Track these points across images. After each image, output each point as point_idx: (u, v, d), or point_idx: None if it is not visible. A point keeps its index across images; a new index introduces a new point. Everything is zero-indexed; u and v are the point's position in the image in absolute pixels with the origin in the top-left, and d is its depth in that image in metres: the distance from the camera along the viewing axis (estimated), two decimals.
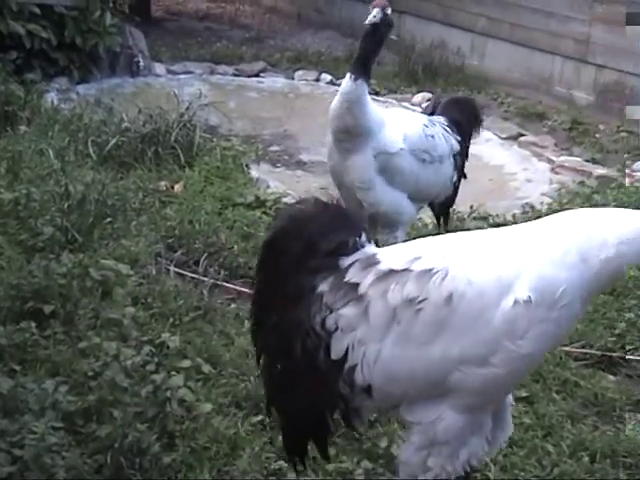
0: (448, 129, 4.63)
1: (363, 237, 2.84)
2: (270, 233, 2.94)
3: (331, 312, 2.77)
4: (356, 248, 2.81)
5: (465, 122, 4.72)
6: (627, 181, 6.83)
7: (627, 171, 7.10)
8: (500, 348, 2.65)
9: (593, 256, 2.64)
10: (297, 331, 2.79)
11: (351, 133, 4.29)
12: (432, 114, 4.77)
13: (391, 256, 2.82)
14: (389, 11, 4.30)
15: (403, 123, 4.49)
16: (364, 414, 2.90)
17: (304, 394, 2.84)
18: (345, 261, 2.80)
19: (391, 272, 2.75)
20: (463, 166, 4.78)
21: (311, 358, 2.79)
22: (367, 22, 4.33)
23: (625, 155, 7.63)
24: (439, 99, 5.05)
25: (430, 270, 2.71)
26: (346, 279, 2.77)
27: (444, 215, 4.97)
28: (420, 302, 2.69)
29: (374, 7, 4.27)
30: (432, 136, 4.51)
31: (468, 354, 2.67)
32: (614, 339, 4.62)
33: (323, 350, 2.77)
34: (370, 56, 4.30)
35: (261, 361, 2.93)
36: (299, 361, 2.80)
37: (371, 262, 2.79)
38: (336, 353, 2.76)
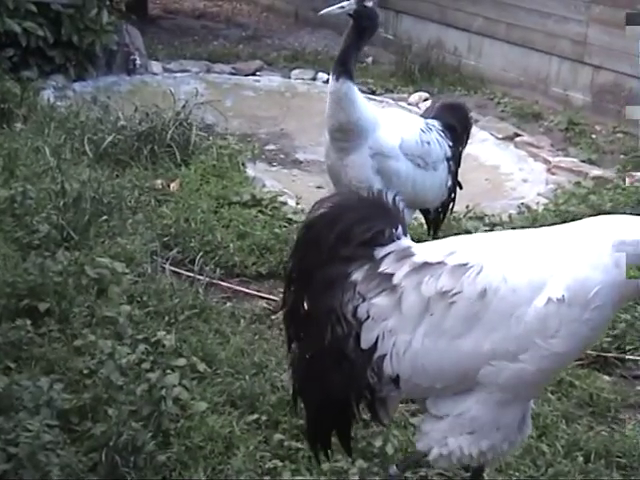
0: (442, 134, 4.62)
1: (399, 229, 2.88)
2: (307, 220, 2.97)
3: (364, 301, 2.81)
4: (392, 239, 2.85)
5: (458, 127, 4.71)
6: (627, 181, 6.84)
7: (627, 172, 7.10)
8: (531, 345, 2.68)
9: (624, 264, 2.66)
10: (328, 318, 2.82)
11: (345, 131, 4.30)
12: (433, 117, 4.74)
13: (426, 250, 2.86)
14: (369, 3, 4.26)
15: (400, 126, 4.49)
16: (390, 405, 2.93)
17: (332, 383, 2.86)
18: (380, 251, 2.84)
19: (426, 264, 2.78)
20: (456, 172, 4.76)
21: (341, 346, 2.82)
22: (324, 12, 4.37)
23: (621, 156, 7.63)
24: (439, 102, 5.05)
25: (465, 265, 2.74)
26: (380, 269, 2.81)
27: (436, 222, 4.94)
28: (454, 295, 2.72)
29: None
30: (428, 142, 4.50)
31: (499, 349, 2.70)
32: (610, 339, 4.62)
33: (353, 339, 2.81)
34: (349, 52, 4.29)
35: (291, 350, 2.97)
36: (329, 349, 2.83)
37: (406, 254, 2.83)
38: (366, 342, 2.81)
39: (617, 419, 4.10)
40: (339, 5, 4.43)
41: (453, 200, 4.90)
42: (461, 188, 4.88)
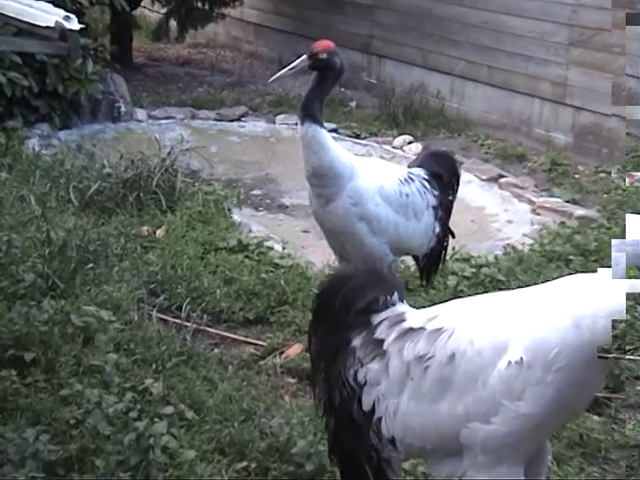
0: (427, 184, 4.57)
1: (395, 296, 2.99)
2: (319, 288, 3.24)
3: (362, 366, 2.94)
4: (386, 306, 2.97)
5: (445, 175, 4.66)
6: (627, 181, 6.85)
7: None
8: (499, 407, 2.69)
9: (585, 325, 2.65)
10: (336, 382, 2.98)
11: (319, 176, 4.29)
12: (419, 166, 4.71)
13: (415, 315, 2.94)
14: (323, 55, 4.27)
15: (379, 174, 4.44)
16: (394, 465, 2.99)
17: (347, 444, 3.02)
18: (376, 318, 2.96)
19: (409, 330, 2.87)
20: (446, 220, 4.69)
21: (348, 409, 2.97)
22: (275, 77, 4.40)
23: (604, 195, 7.68)
24: (425, 150, 5.05)
25: (440, 329, 2.81)
26: (375, 335, 2.94)
27: (428, 269, 4.88)
28: (428, 359, 2.80)
29: (318, 48, 4.28)
30: (407, 194, 4.43)
31: (472, 411, 2.72)
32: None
33: (356, 402, 2.95)
34: (312, 97, 4.30)
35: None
36: (340, 411, 3.00)
37: (398, 320, 2.94)
38: (366, 405, 2.93)
39: (608, 459, 4.07)
40: (290, 66, 4.44)
41: (445, 248, 4.82)
42: (453, 237, 4.83)
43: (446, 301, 5.32)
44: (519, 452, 2.84)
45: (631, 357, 4.48)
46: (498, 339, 2.71)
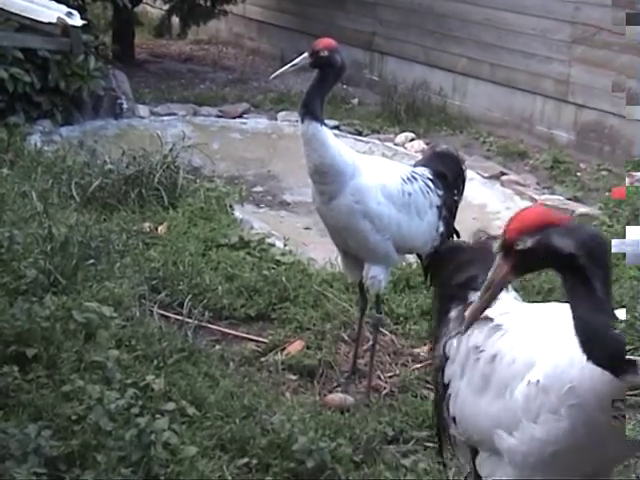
0: (431, 183, 4.53)
1: None
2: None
3: (449, 339, 2.97)
4: None
5: (449, 175, 4.63)
6: (627, 181, 6.84)
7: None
8: (520, 424, 2.61)
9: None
10: (436, 347, 3.08)
11: (321, 173, 4.28)
12: (423, 165, 4.69)
13: (498, 305, 2.77)
14: (324, 53, 4.25)
15: (382, 172, 4.42)
16: (456, 444, 3.02)
17: (438, 410, 3.10)
18: (472, 295, 2.92)
19: (485, 317, 2.78)
20: (450, 219, 4.64)
21: (436, 375, 3.09)
22: (277, 73, 4.38)
23: (606, 193, 7.68)
24: (430, 150, 5.02)
25: (499, 326, 2.78)
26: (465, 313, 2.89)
27: None
28: (480, 352, 2.79)
29: (319, 46, 4.26)
30: (409, 193, 4.40)
31: (501, 418, 2.67)
32: None
33: (441, 372, 3.01)
34: (312, 95, 4.27)
35: None
36: (433, 376, 3.19)
37: None
38: (446, 378, 2.98)
39: None
40: (292, 64, 4.42)
41: None
42: (458, 236, 4.81)
43: None
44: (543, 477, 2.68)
45: (631, 357, 4.49)
46: (531, 353, 2.62)
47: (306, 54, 4.31)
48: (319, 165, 4.26)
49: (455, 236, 4.76)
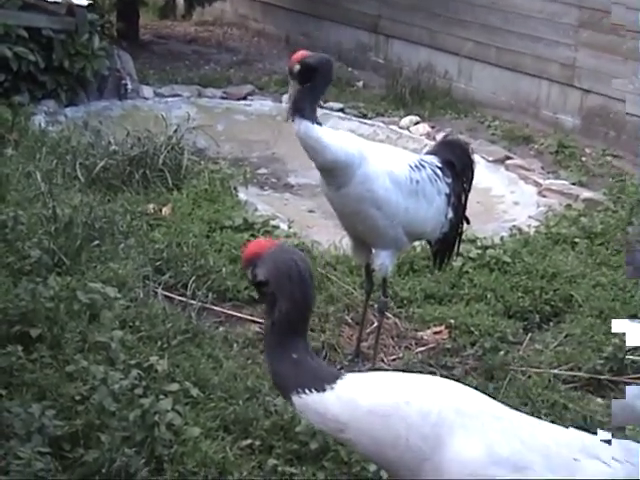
0: (439, 171, 4.52)
1: None
2: None
3: None
4: None
5: (458, 164, 4.61)
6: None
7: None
8: None
9: None
10: None
11: (327, 170, 4.27)
12: (432, 153, 4.67)
13: None
14: (298, 67, 4.09)
15: (389, 160, 4.39)
16: None
17: None
18: None
19: None
20: (460, 207, 4.63)
21: None
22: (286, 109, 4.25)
23: (610, 179, 7.67)
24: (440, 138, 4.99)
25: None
26: None
27: (443, 255, 4.82)
28: None
29: (291, 63, 4.15)
30: (417, 181, 4.39)
31: None
32: (602, 362, 4.63)
33: None
34: (300, 97, 4.12)
35: None
36: None
37: None
38: None
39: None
40: (288, 97, 4.29)
41: (460, 234, 4.75)
42: (468, 223, 4.80)
43: (452, 282, 5.38)
44: None
45: (631, 357, 4.51)
46: None
47: (289, 79, 4.21)
48: (322, 163, 4.24)
49: (466, 223, 4.76)
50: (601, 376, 4.58)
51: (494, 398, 4.24)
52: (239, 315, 4.98)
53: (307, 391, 2.33)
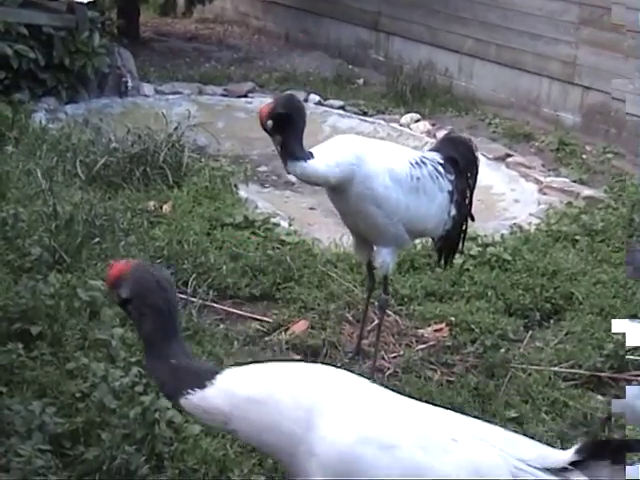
0: (441, 168, 4.49)
1: None
2: None
3: None
4: None
5: (461, 161, 4.59)
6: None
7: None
8: None
9: None
10: None
11: (332, 188, 4.30)
12: (435, 150, 4.66)
13: None
14: (270, 123, 4.10)
15: (389, 158, 4.38)
16: None
17: None
18: None
19: None
20: (464, 204, 4.60)
21: None
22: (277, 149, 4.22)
23: (611, 178, 7.66)
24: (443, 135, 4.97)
25: None
26: None
27: (447, 253, 4.80)
28: None
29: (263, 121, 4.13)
30: (418, 178, 4.38)
31: None
32: (602, 359, 4.63)
33: None
34: (286, 141, 4.11)
35: None
36: None
37: None
38: None
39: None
40: (276, 149, 4.27)
41: (464, 231, 4.72)
42: (473, 220, 4.78)
43: (452, 279, 5.37)
44: None
45: (632, 357, 4.51)
46: None
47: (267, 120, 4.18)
48: (328, 185, 4.28)
49: (470, 219, 4.74)
50: (602, 373, 4.58)
51: (495, 396, 4.30)
52: (240, 313, 4.98)
53: (190, 391, 2.41)
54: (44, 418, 3.43)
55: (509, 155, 8.09)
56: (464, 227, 4.69)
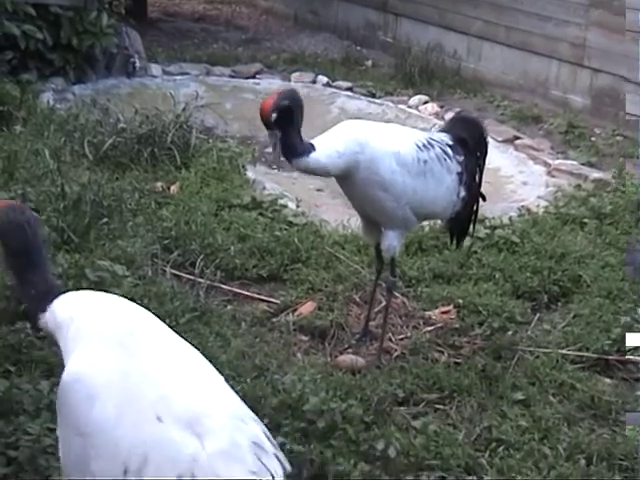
0: (449, 149, 4.45)
1: None
2: None
3: None
4: None
5: (470, 141, 4.55)
6: None
7: None
8: None
9: None
10: None
11: (339, 176, 4.30)
12: (444, 131, 4.63)
13: None
14: (273, 116, 3.96)
15: (395, 141, 4.35)
16: None
17: None
18: None
19: None
20: (473, 184, 4.57)
21: None
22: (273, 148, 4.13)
23: (620, 159, 7.63)
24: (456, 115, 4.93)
25: None
26: None
27: (458, 234, 4.79)
28: None
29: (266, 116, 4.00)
30: (425, 161, 4.35)
31: None
32: (610, 342, 4.62)
33: None
34: (286, 137, 4.03)
35: None
36: None
37: None
38: None
39: (618, 421, 4.09)
40: (272, 148, 4.18)
41: (475, 212, 4.69)
42: (484, 200, 4.76)
43: (460, 262, 5.37)
44: None
45: (631, 357, 4.51)
46: None
47: (269, 132, 4.12)
48: (332, 176, 4.28)
49: (482, 200, 4.72)
50: (609, 356, 4.58)
51: (502, 378, 4.30)
52: (247, 293, 4.99)
53: (40, 316, 2.65)
54: (52, 397, 3.43)
55: (517, 137, 8.07)
56: (475, 208, 4.67)
